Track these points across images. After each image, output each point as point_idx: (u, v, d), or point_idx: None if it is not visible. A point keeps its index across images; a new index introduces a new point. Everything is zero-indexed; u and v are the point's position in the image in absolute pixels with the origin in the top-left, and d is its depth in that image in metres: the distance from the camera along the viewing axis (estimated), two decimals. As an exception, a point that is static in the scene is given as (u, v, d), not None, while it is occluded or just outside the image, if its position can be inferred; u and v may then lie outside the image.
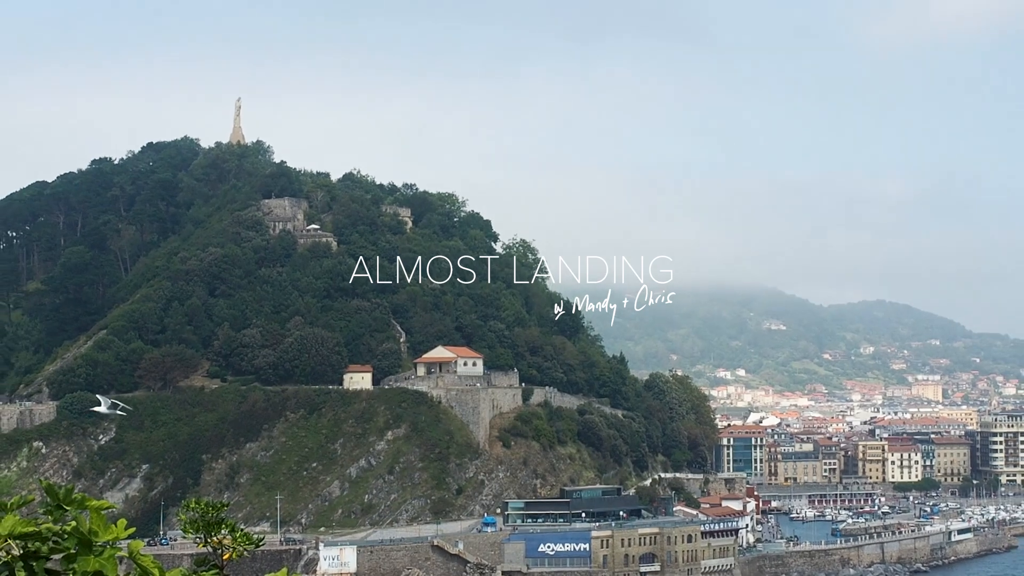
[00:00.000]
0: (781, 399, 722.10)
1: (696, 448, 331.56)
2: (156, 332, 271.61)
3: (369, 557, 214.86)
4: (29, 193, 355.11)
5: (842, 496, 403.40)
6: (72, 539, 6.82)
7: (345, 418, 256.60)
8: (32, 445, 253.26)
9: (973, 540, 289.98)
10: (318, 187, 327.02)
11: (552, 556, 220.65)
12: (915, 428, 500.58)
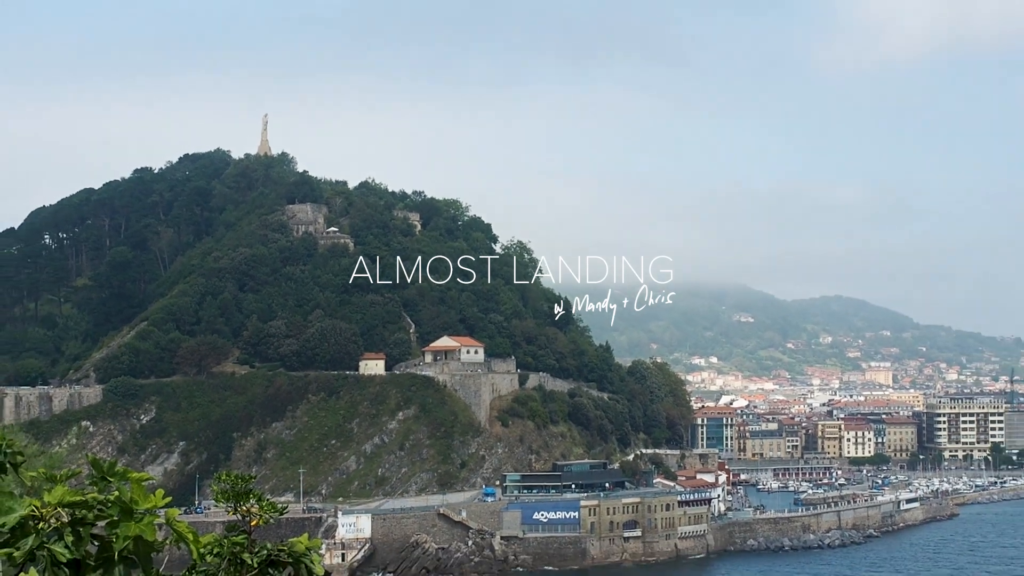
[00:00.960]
0: (749, 383, 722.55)
1: (673, 427, 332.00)
2: (192, 323, 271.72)
3: (382, 524, 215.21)
4: (78, 199, 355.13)
5: (803, 470, 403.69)
6: (115, 507, 6.73)
7: (360, 400, 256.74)
8: (81, 424, 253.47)
9: (919, 509, 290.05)
10: (337, 194, 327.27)
11: (545, 523, 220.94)
12: (868, 409, 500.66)
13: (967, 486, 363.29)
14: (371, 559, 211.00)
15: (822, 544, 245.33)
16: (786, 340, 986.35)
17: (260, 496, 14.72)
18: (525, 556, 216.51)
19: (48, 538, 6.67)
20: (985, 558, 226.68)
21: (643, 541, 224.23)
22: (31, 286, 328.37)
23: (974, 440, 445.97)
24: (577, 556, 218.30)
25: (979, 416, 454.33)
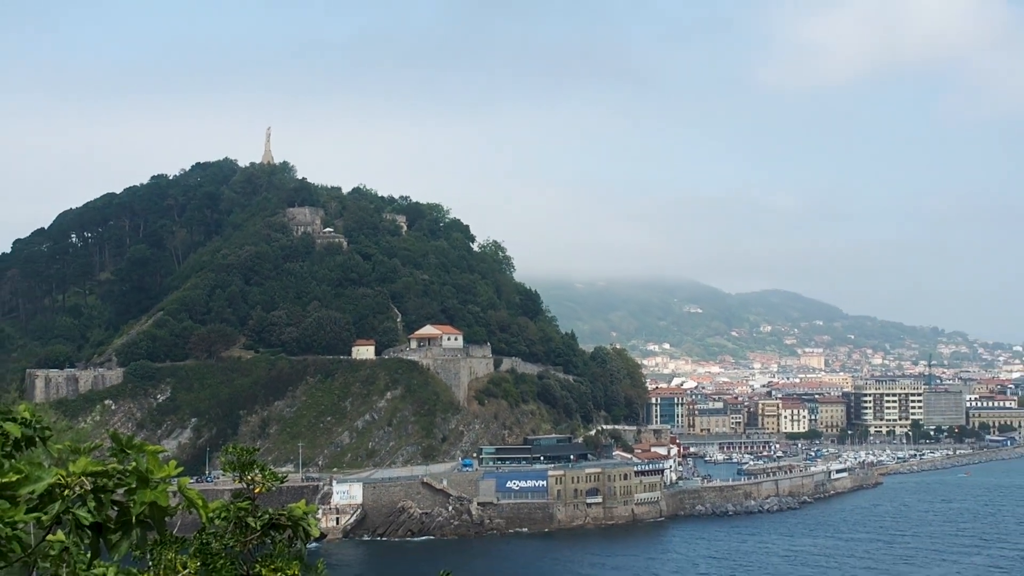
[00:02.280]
0: (698, 367, 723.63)
1: (631, 405, 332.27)
2: (203, 313, 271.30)
3: (372, 491, 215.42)
4: (101, 202, 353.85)
5: (745, 444, 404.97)
6: (133, 476, 6.72)
7: (353, 382, 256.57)
8: (103, 403, 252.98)
9: (848, 478, 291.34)
10: (332, 198, 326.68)
11: (517, 491, 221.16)
12: (803, 390, 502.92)
13: (890, 458, 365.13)
14: (362, 523, 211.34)
15: (762, 509, 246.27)
16: (730, 329, 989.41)
17: (263, 466, 14.71)
18: (499, 520, 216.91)
19: (73, 503, 6.66)
20: (906, 520, 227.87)
21: (604, 507, 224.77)
22: (59, 280, 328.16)
23: (896, 417, 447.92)
24: (545, 520, 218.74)
25: (901, 396, 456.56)
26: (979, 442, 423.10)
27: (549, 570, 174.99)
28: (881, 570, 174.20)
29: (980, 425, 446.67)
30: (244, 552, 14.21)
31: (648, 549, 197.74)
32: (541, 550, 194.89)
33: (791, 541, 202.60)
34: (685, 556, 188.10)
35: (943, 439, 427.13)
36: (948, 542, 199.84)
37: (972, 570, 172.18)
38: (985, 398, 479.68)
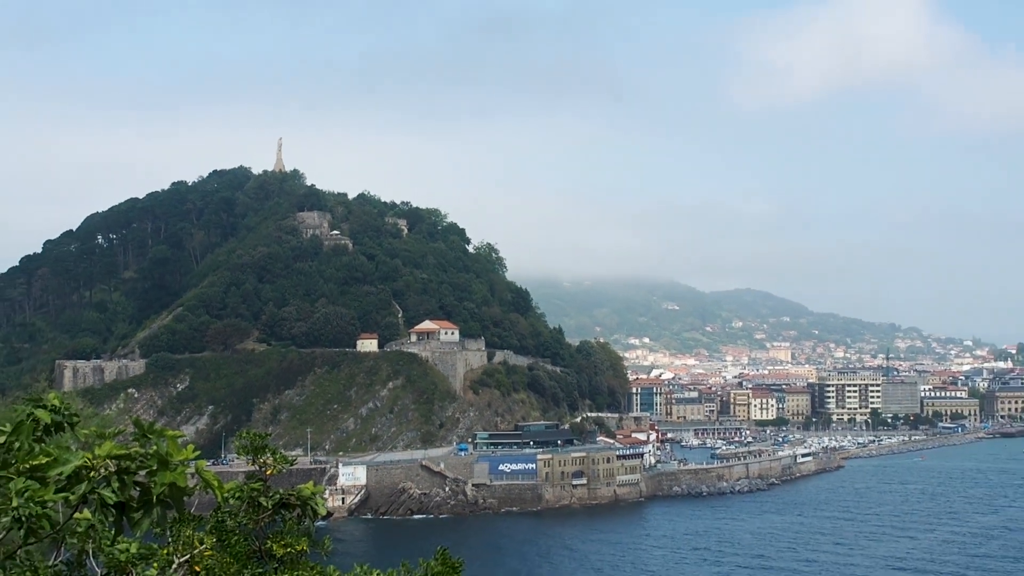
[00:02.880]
0: (675, 360, 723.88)
1: (613, 395, 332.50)
2: (219, 309, 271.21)
3: (375, 473, 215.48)
4: (125, 207, 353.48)
5: (718, 430, 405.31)
6: (154, 459, 6.70)
7: (357, 372, 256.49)
8: (127, 391, 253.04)
9: (812, 462, 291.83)
10: (338, 204, 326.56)
11: (508, 473, 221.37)
12: (771, 381, 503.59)
13: (851, 443, 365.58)
14: (366, 502, 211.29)
15: (733, 490, 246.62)
16: (705, 325, 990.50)
17: (274, 450, 14.71)
18: (492, 500, 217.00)
19: (98, 484, 6.65)
20: (867, 500, 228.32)
21: (588, 488, 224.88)
22: (86, 278, 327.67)
23: (857, 406, 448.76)
24: (534, 500, 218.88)
25: (861, 387, 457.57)
26: (932, 429, 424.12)
27: (538, 546, 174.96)
28: (845, 544, 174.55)
29: (933, 413, 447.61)
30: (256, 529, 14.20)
31: (629, 527, 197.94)
32: (531, 528, 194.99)
33: (761, 519, 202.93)
34: (663, 533, 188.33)
35: (900, 426, 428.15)
36: (906, 519, 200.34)
37: (928, 545, 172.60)
38: (938, 388, 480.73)
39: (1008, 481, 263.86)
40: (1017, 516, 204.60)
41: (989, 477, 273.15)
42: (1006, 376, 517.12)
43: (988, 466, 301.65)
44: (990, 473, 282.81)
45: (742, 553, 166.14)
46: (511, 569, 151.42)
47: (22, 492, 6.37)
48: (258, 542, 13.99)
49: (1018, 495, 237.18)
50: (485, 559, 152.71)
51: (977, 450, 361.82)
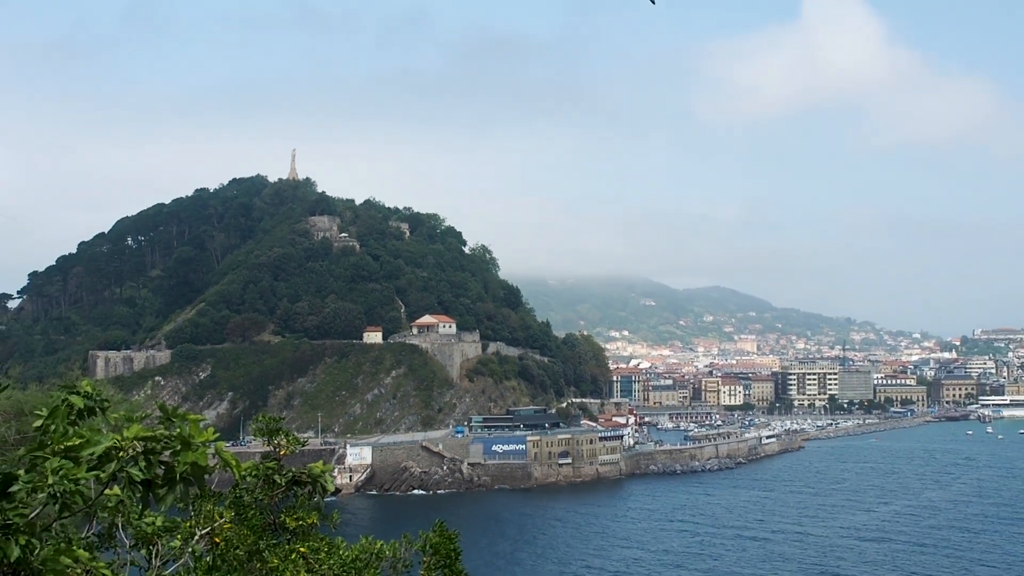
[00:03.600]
0: (651, 351, 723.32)
1: (595, 382, 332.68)
2: (238, 304, 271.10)
3: (380, 454, 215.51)
4: (153, 211, 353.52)
5: (691, 414, 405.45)
6: (177, 440, 6.70)
7: (364, 362, 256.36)
8: (154, 379, 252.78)
9: (776, 443, 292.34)
10: (347, 209, 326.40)
11: (501, 453, 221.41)
12: (738, 370, 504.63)
13: (811, 426, 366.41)
14: (371, 480, 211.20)
15: (704, 469, 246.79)
16: (679, 319, 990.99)
17: (287, 433, 14.73)
18: (486, 477, 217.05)
19: (127, 463, 6.65)
20: (826, 477, 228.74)
21: (573, 466, 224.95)
22: (117, 276, 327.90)
23: (816, 392, 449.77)
24: (524, 478, 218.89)
25: (820, 375, 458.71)
26: (884, 413, 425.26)
27: (528, 519, 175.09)
28: (807, 516, 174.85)
29: (885, 399, 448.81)
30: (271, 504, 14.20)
31: (611, 502, 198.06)
32: (521, 502, 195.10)
33: (731, 494, 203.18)
34: (642, 507, 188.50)
35: (855, 411, 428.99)
36: (862, 494, 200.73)
37: (883, 516, 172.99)
38: (890, 377, 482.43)
39: (953, 460, 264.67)
40: (962, 491, 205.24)
41: (936, 456, 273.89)
42: (951, 366, 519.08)
43: (935, 447, 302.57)
44: (937, 453, 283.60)
45: (715, 524, 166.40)
46: (505, 539, 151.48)
47: (57, 470, 6.38)
48: (272, 516, 14.00)
49: (962, 472, 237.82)
50: (480, 531, 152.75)
51: (925, 432, 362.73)
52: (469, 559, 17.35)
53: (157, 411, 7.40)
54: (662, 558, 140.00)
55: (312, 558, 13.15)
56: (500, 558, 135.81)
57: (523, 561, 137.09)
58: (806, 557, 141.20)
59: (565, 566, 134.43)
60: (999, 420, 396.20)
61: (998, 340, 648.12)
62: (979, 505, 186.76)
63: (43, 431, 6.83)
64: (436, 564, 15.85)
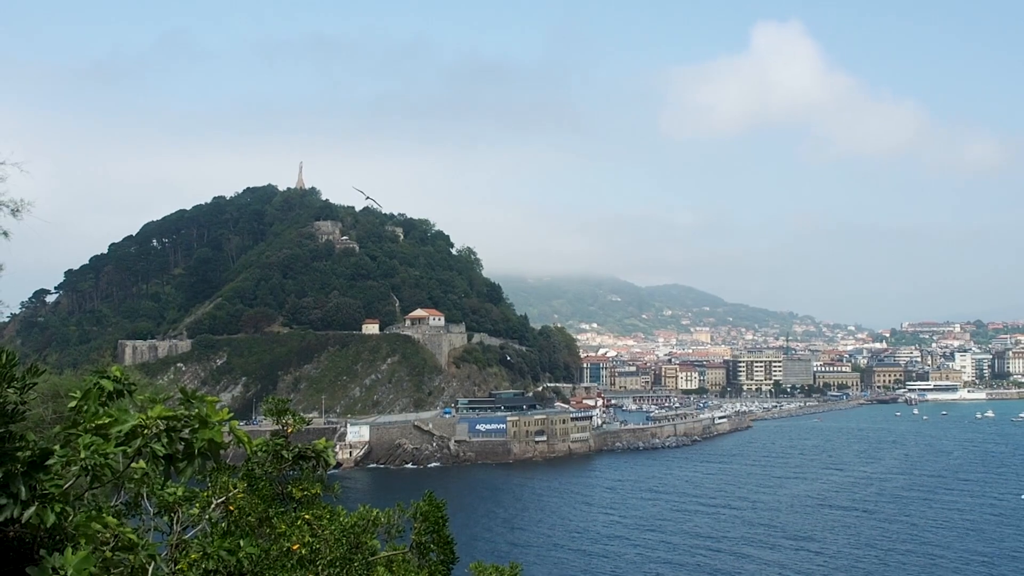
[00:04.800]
0: (617, 341, 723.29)
1: (568, 369, 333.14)
2: (251, 299, 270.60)
3: (376, 432, 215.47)
4: (175, 216, 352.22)
5: (652, 397, 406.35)
6: (196, 419, 6.72)
7: (362, 350, 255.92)
8: (176, 366, 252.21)
9: (727, 423, 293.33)
10: (348, 215, 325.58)
11: (484, 431, 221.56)
12: (694, 358, 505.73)
13: (758, 408, 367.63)
14: (369, 455, 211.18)
15: (664, 446, 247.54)
16: (642, 313, 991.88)
17: (294, 413, 14.75)
18: (470, 453, 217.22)
19: (151, 440, 6.67)
20: (772, 453, 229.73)
21: (547, 443, 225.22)
22: (143, 274, 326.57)
23: (763, 378, 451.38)
24: (504, 453, 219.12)
25: (766, 363, 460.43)
26: (823, 396, 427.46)
27: (508, 489, 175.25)
28: (756, 485, 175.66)
29: (824, 384, 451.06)
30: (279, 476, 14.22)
31: (582, 475, 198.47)
32: (502, 475, 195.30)
33: (687, 468, 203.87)
34: (610, 479, 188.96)
35: (797, 394, 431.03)
36: (804, 468, 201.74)
37: (822, 486, 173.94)
38: (827, 364, 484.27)
39: (883, 438, 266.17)
40: (892, 465, 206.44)
41: (868, 435, 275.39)
42: (881, 355, 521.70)
43: (868, 426, 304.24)
44: (869, 432, 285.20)
45: (676, 494, 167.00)
46: (487, 508, 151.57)
47: (89, 446, 6.40)
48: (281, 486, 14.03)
49: (892, 449, 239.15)
50: (465, 501, 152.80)
51: (859, 413, 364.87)
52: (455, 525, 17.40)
53: (178, 394, 7.42)
54: (630, 523, 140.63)
55: (316, 524, 13.18)
56: (483, 524, 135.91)
57: (504, 526, 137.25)
58: (758, 519, 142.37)
59: (542, 530, 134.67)
60: (924, 403, 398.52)
61: (923, 332, 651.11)
62: (907, 477, 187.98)
63: (77, 411, 6.85)
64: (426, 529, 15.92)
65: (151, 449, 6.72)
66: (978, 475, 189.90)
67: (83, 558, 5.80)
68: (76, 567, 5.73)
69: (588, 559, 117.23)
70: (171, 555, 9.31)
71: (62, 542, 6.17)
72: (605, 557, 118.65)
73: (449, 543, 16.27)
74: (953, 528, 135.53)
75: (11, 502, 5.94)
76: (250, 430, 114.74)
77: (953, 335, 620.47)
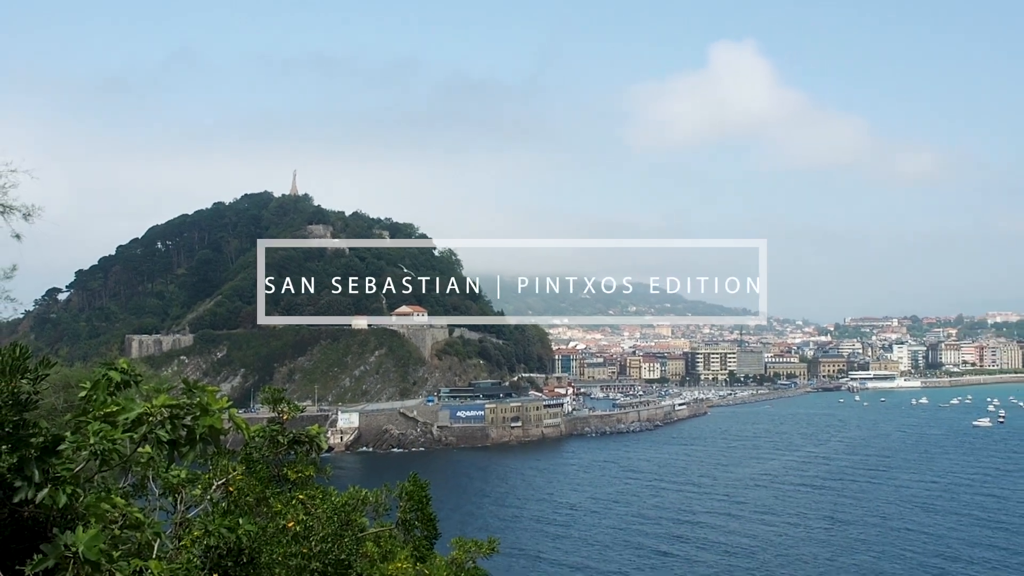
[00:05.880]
0: (586, 335, 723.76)
1: (541, 360, 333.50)
2: (249, 297, 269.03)
3: (365, 418, 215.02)
4: (179, 220, 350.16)
5: (618, 386, 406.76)
6: (197, 407, 6.70)
7: (352, 344, 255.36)
8: (179, 358, 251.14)
9: (686, 409, 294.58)
10: (338, 219, 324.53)
11: (464, 418, 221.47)
12: (657, 350, 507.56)
13: (714, 396, 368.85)
14: (358, 440, 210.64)
15: (629, 430, 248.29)
16: (608, 309, 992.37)
17: (289, 401, 14.69)
18: (452, 438, 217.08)
19: (155, 426, 6.65)
20: (727, 436, 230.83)
21: (522, 429, 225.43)
22: (149, 273, 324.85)
23: (719, 368, 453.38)
24: (483, 438, 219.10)
25: (721, 354, 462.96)
26: (774, 385, 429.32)
27: (487, 470, 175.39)
28: (715, 465, 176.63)
29: (774, 374, 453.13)
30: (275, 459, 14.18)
31: (554, 457, 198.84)
32: (481, 458, 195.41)
33: (651, 450, 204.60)
34: (580, 460, 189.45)
35: (750, 383, 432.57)
36: (756, 450, 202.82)
37: (774, 466, 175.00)
38: (777, 356, 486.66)
39: (828, 422, 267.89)
40: (836, 447, 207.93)
41: (815, 420, 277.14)
42: (826, 347, 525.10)
43: (814, 412, 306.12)
44: (815, 417, 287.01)
45: (641, 473, 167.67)
46: (468, 487, 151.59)
47: (98, 432, 6.39)
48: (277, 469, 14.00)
49: (836, 432, 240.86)
50: (447, 481, 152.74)
51: (806, 400, 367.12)
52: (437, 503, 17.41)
53: (181, 384, 7.39)
54: (601, 499, 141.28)
55: (309, 503, 13.17)
56: (464, 503, 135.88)
57: (484, 504, 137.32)
58: (719, 494, 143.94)
59: (519, 507, 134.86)
60: (865, 391, 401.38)
61: (864, 326, 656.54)
62: (850, 457, 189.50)
63: (87, 400, 6.84)
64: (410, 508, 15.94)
65: (156, 435, 6.71)
66: (914, 454, 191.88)
67: (93, 535, 5.79)
68: (87, 544, 5.72)
69: (563, 530, 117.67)
70: (175, 532, 9.32)
71: (73, 521, 6.16)
72: (578, 528, 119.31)
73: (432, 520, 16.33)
74: (893, 501, 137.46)
75: (26, 484, 5.95)
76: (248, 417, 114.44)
77: (891, 329, 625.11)
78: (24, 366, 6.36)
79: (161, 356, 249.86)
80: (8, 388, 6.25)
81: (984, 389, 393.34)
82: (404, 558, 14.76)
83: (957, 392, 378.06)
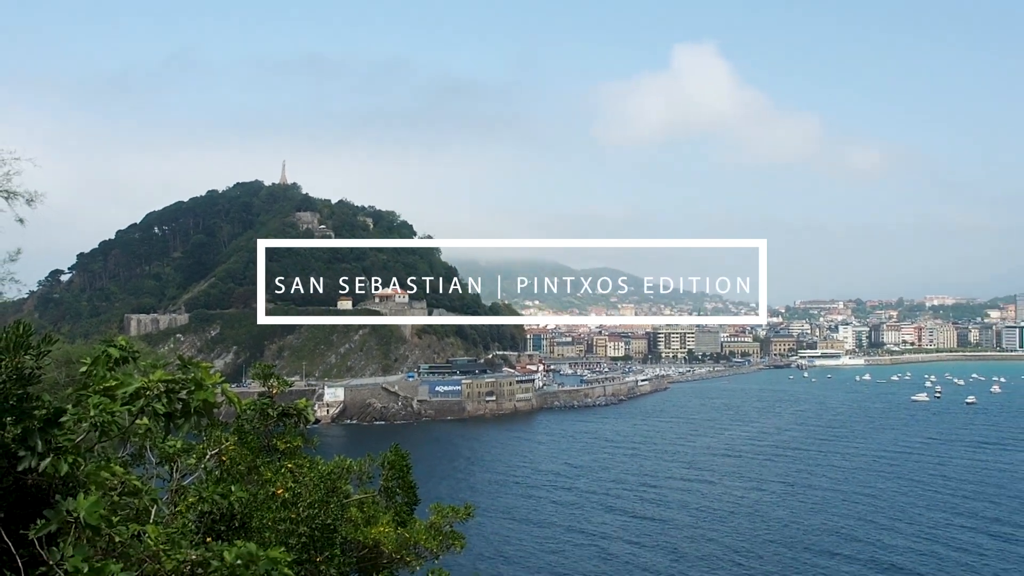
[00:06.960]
0: (556, 316, 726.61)
1: (514, 339, 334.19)
2: (241, 279, 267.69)
3: (350, 393, 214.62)
4: (174, 207, 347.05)
5: (585, 363, 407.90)
6: (191, 382, 6.68)
7: (338, 323, 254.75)
8: (175, 336, 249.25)
9: (648, 385, 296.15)
10: (325, 207, 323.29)
11: (442, 392, 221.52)
12: (621, 330, 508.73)
13: (674, 372, 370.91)
14: (343, 413, 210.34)
15: (595, 404, 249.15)
16: (577, 292, 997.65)
17: (278, 377, 14.64)
18: (431, 411, 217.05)
19: (152, 400, 6.63)
20: (687, 409, 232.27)
21: (496, 403, 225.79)
22: (147, 257, 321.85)
23: (679, 347, 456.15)
24: (460, 411, 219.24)
25: (681, 334, 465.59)
26: (729, 363, 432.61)
27: (464, 441, 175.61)
28: (676, 436, 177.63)
29: (729, 352, 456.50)
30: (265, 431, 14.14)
31: (527, 429, 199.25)
32: (458, 430, 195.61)
33: (616, 422, 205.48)
34: (550, 432, 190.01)
35: (707, 360, 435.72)
36: (715, 422, 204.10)
37: (730, 438, 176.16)
38: (732, 336, 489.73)
39: (779, 397, 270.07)
40: (787, 419, 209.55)
41: (767, 395, 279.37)
42: (777, 327, 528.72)
43: (766, 387, 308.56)
44: (768, 392, 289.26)
45: (608, 443, 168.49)
46: (446, 457, 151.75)
47: (98, 405, 6.37)
48: (267, 440, 13.96)
49: (788, 406, 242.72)
50: (426, 451, 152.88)
51: (759, 377, 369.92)
52: (417, 472, 17.45)
53: (177, 360, 7.37)
54: (571, 467, 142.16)
55: (297, 472, 13.17)
56: (442, 471, 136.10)
57: (461, 472, 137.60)
58: (681, 460, 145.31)
59: (494, 474, 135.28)
60: (813, 368, 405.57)
61: (813, 309, 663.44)
62: (801, 428, 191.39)
63: (87, 375, 6.82)
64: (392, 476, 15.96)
65: (153, 408, 6.68)
66: (859, 426, 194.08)
67: (94, 502, 5.77)
68: (87, 510, 5.71)
69: (536, 494, 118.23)
70: (171, 499, 9.32)
71: (75, 488, 6.15)
72: (550, 491, 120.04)
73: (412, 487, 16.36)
74: (841, 467, 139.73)
75: (29, 454, 5.93)
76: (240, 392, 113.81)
77: (837, 311, 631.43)
78: (27, 342, 6.32)
79: (158, 334, 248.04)
80: (12, 363, 6.21)
81: (922, 367, 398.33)
82: (386, 523, 14.80)
83: (897, 369, 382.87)
